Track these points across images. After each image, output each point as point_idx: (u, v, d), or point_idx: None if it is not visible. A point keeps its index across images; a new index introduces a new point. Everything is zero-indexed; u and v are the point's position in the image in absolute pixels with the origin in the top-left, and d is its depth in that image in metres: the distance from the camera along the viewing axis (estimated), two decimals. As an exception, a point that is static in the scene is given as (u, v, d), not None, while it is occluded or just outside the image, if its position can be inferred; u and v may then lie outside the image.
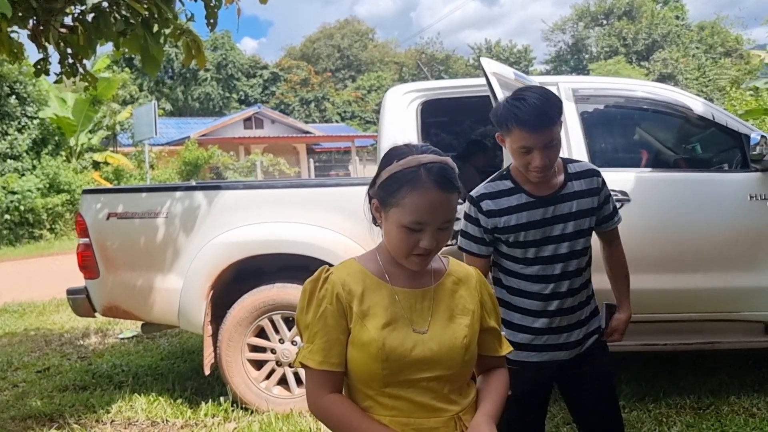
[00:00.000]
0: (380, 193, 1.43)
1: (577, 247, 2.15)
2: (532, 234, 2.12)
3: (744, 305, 3.71)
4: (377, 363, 1.40)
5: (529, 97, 2.01)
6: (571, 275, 2.15)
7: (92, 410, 4.07)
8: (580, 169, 2.20)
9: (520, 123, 2.00)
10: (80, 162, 19.01)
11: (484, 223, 2.15)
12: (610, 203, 2.25)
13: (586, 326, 2.21)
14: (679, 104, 3.91)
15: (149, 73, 3.97)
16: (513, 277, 2.19)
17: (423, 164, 1.38)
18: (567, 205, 2.13)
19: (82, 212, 4.11)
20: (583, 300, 2.20)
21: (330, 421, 1.43)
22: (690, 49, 42.96)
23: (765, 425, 3.36)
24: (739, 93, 16.25)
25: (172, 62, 36.56)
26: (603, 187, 2.21)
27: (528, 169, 2.07)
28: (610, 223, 2.27)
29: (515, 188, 2.14)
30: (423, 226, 1.37)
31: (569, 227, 2.13)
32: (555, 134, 2.04)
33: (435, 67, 45.99)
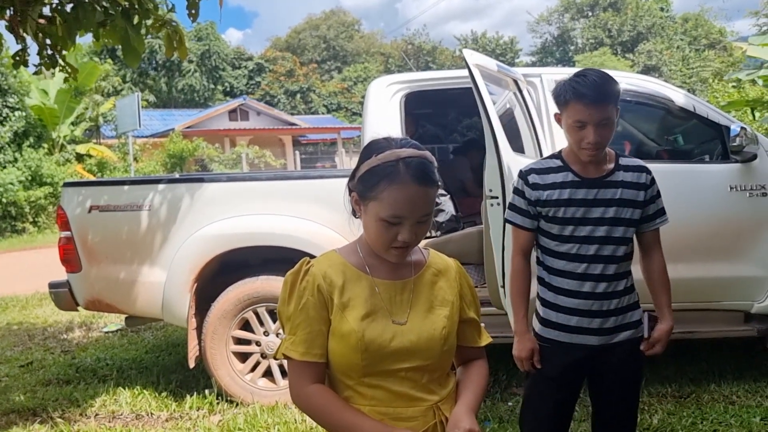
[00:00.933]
0: (359, 186, 1.43)
1: (614, 234, 2.16)
2: (572, 212, 2.16)
3: (724, 295, 3.76)
4: (356, 354, 1.41)
5: (590, 74, 2.09)
6: (606, 260, 2.17)
7: (76, 404, 4.05)
8: (631, 163, 2.23)
9: (577, 95, 2.06)
10: (63, 154, 18.81)
11: (529, 195, 2.21)
12: (657, 204, 2.24)
13: (621, 317, 2.20)
14: (661, 96, 3.94)
15: (130, 64, 3.93)
16: (549, 255, 2.24)
17: (402, 158, 1.38)
18: (611, 191, 2.16)
19: (63, 205, 4.07)
20: (619, 290, 2.20)
21: (312, 411, 1.44)
22: (674, 41, 43.20)
23: (744, 412, 3.42)
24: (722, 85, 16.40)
25: (156, 54, 36.17)
26: (651, 185, 2.22)
27: (580, 146, 2.12)
28: (650, 223, 2.25)
29: (563, 167, 2.21)
30: (401, 220, 1.38)
31: (609, 212, 2.16)
32: (610, 113, 2.08)
33: (422, 59, 45.91)
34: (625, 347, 2.21)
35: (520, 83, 3.89)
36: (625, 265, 2.22)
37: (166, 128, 26.16)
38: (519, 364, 2.27)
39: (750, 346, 4.25)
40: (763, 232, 3.70)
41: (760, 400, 3.58)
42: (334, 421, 1.41)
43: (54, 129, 18.48)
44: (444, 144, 7.19)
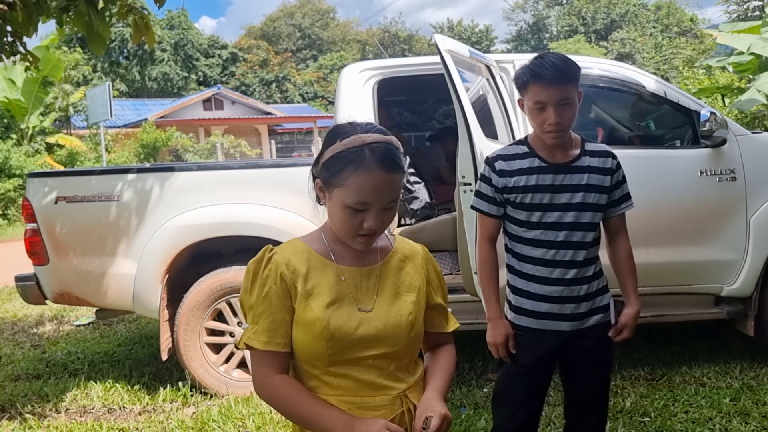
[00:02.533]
0: (324, 173, 1.40)
1: (582, 219, 2.17)
2: (539, 197, 2.16)
3: (695, 278, 3.81)
4: (321, 342, 1.38)
5: (547, 56, 2.11)
6: (574, 246, 2.17)
7: (46, 399, 3.97)
8: (596, 148, 2.23)
9: (535, 76, 2.07)
10: (32, 145, 18.40)
11: (496, 182, 2.21)
12: (622, 189, 2.24)
13: (591, 302, 2.21)
14: (633, 82, 3.96)
15: (96, 51, 3.83)
16: (516, 241, 2.24)
17: (367, 144, 1.35)
18: (577, 177, 2.17)
19: (29, 196, 3.97)
20: (588, 275, 2.20)
21: (277, 402, 1.41)
22: (647, 28, 43.62)
23: (714, 393, 3.48)
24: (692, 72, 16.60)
25: (127, 42, 35.51)
26: (617, 170, 2.22)
27: (543, 129, 2.11)
28: (616, 208, 2.25)
29: (530, 153, 2.20)
30: (367, 207, 1.35)
31: (576, 197, 2.16)
32: (570, 93, 2.08)
33: (398, 47, 45.75)
34: (596, 331, 2.22)
35: (492, 69, 3.88)
36: (594, 250, 2.23)
37: (138, 118, 25.75)
38: (493, 350, 2.26)
39: (720, 328, 4.32)
40: (732, 216, 3.75)
41: (730, 381, 3.64)
42: (298, 412, 1.38)
43: (22, 120, 18.06)
44: (420, 132, 7.17)
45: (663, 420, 3.21)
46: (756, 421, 3.16)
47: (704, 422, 3.18)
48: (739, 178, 3.72)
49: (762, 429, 3.08)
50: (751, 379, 3.67)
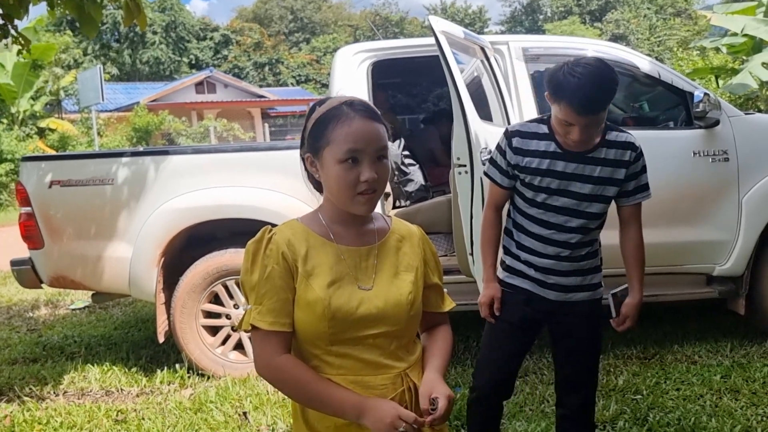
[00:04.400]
0: (310, 142, 1.43)
1: (588, 209, 2.20)
2: (547, 181, 2.18)
3: (688, 258, 3.85)
4: (323, 322, 1.39)
5: (584, 77, 1.99)
6: (573, 230, 2.21)
7: (44, 382, 3.99)
8: (618, 139, 2.20)
9: (569, 103, 2.03)
10: (23, 129, 18.26)
11: (509, 158, 2.23)
12: (639, 180, 2.24)
13: (580, 278, 2.26)
14: (627, 63, 3.96)
15: (87, 34, 3.81)
16: (518, 212, 2.29)
17: (344, 102, 1.42)
18: (590, 168, 2.16)
19: (23, 180, 3.96)
20: (581, 254, 2.25)
21: (282, 382, 1.42)
22: (641, 9, 43.42)
23: (705, 371, 3.53)
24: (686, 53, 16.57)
25: (119, 25, 35.12)
26: (634, 162, 2.20)
27: (565, 137, 2.13)
28: (629, 198, 2.25)
29: (548, 135, 2.19)
30: (358, 155, 1.37)
31: (586, 188, 2.17)
32: (600, 117, 2.08)
33: (390, 29, 45.42)
34: (583, 308, 2.27)
35: (487, 51, 3.87)
36: (592, 234, 2.26)
37: (130, 102, 25.55)
38: (481, 310, 2.36)
39: (712, 307, 4.37)
40: (724, 196, 3.78)
41: (721, 359, 3.69)
42: (306, 392, 1.39)
43: (13, 104, 17.91)
44: (414, 114, 7.16)
45: (655, 397, 3.26)
46: (746, 397, 3.21)
47: (695, 399, 3.23)
48: (732, 159, 3.75)
49: (751, 405, 3.14)
50: (742, 357, 3.72)
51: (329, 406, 1.38)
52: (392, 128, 1.49)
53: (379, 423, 1.34)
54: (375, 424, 1.34)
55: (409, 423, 1.34)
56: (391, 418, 1.33)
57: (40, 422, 3.41)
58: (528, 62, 3.92)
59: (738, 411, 3.07)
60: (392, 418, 1.33)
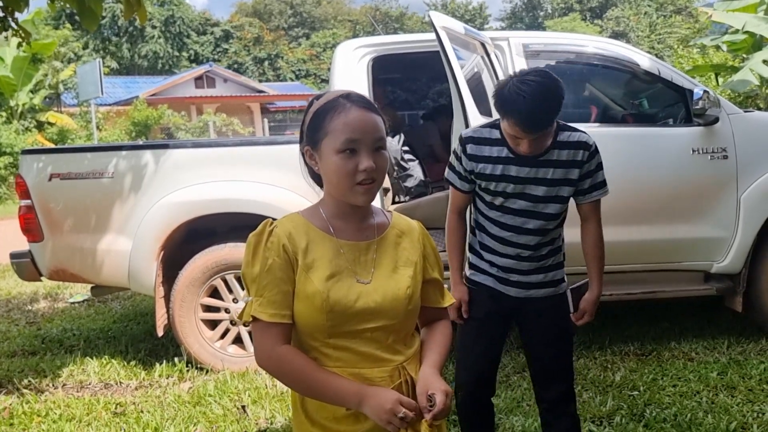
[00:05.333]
0: (309, 134, 1.45)
1: (544, 210, 2.24)
2: (503, 186, 2.23)
3: (686, 256, 3.86)
4: (321, 315, 1.40)
5: (530, 95, 2.01)
6: (531, 232, 2.25)
7: (43, 375, 4.00)
8: (570, 139, 2.22)
9: (517, 122, 2.08)
10: (22, 123, 18.24)
11: (465, 164, 2.29)
12: (594, 178, 2.27)
13: (542, 275, 2.30)
14: (627, 60, 3.97)
15: (88, 27, 3.80)
16: (480, 214, 2.35)
17: (341, 95, 1.44)
18: (543, 171, 2.20)
19: (23, 173, 3.96)
20: (542, 254, 2.29)
21: (283, 373, 1.43)
22: (642, 7, 43.37)
23: (702, 368, 3.54)
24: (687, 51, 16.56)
25: (118, 19, 35.04)
26: (589, 161, 2.23)
27: (514, 145, 2.18)
28: (585, 197, 2.29)
29: (500, 140, 2.23)
30: (356, 145, 1.38)
31: (540, 191, 2.21)
32: (547, 132, 2.13)
33: (390, 25, 45.33)
34: (547, 303, 2.32)
35: (487, 47, 3.87)
36: (552, 233, 2.31)
37: (129, 96, 25.53)
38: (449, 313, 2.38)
39: (709, 304, 4.39)
40: (723, 194, 3.79)
41: (718, 356, 3.71)
42: (307, 381, 1.40)
43: (12, 97, 17.88)
44: (414, 110, 7.16)
45: (652, 393, 3.27)
46: (742, 394, 3.23)
47: (692, 395, 3.25)
48: (731, 157, 3.76)
49: (747, 402, 3.15)
50: (738, 354, 3.74)
51: (329, 394, 1.40)
52: (392, 123, 1.49)
53: (378, 409, 1.35)
54: (375, 410, 1.35)
55: (409, 409, 1.35)
56: (391, 404, 1.34)
57: (39, 414, 3.42)
58: (528, 58, 3.91)
59: (734, 407, 3.09)
60: (392, 404, 1.34)
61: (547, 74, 2.11)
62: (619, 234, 3.77)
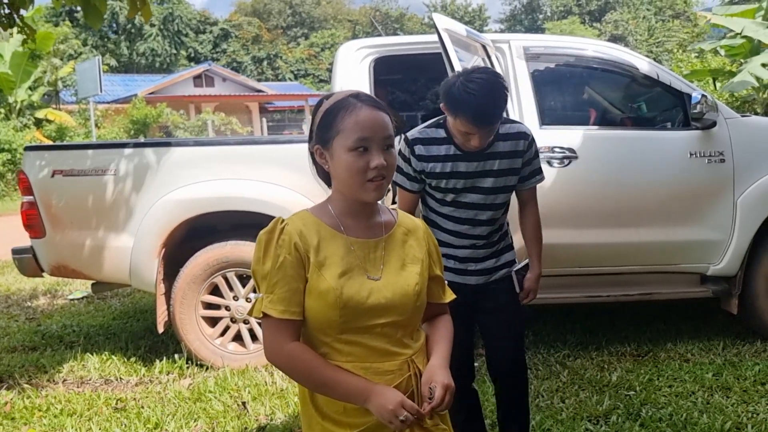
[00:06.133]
0: (319, 133, 1.48)
1: (495, 201, 2.40)
2: (453, 182, 2.36)
3: (682, 258, 3.90)
4: (335, 311, 1.43)
5: (478, 91, 2.15)
6: (483, 223, 2.41)
7: (43, 370, 4.03)
8: (509, 131, 2.39)
9: (467, 118, 2.20)
10: (20, 120, 18.22)
11: (414, 165, 2.39)
12: (532, 165, 2.45)
13: (494, 260, 2.47)
14: (626, 63, 4.00)
15: (92, 25, 3.83)
16: (431, 211, 2.47)
17: (350, 95, 1.48)
18: (489, 163, 2.35)
19: (25, 170, 3.98)
20: (494, 240, 2.46)
21: (293, 369, 1.46)
22: (641, 11, 43.50)
23: (698, 369, 3.58)
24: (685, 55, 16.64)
25: (117, 16, 35.04)
26: (527, 150, 2.41)
27: (464, 142, 2.30)
28: (525, 183, 2.47)
29: (447, 139, 2.35)
30: (368, 144, 1.42)
31: (488, 182, 2.36)
32: (495, 126, 2.27)
33: (389, 25, 45.38)
34: (502, 283, 2.47)
35: (488, 49, 3.91)
36: (501, 221, 2.46)
37: (128, 94, 25.53)
38: None
39: (705, 306, 4.43)
40: (720, 197, 3.82)
41: (713, 358, 3.75)
42: (316, 377, 1.43)
43: (10, 93, 17.87)
44: (413, 111, 7.19)
45: (648, 393, 3.31)
46: (737, 395, 3.27)
47: (687, 396, 3.28)
48: (728, 160, 3.80)
49: (742, 402, 3.19)
50: (734, 355, 3.78)
51: (337, 391, 1.43)
52: (397, 123, 1.53)
53: (382, 408, 1.39)
54: (379, 409, 1.40)
55: (410, 412, 1.39)
56: (394, 405, 1.39)
57: (40, 409, 3.44)
58: (528, 61, 3.95)
59: (729, 408, 3.13)
60: (395, 405, 1.38)
61: (491, 71, 2.29)
62: (617, 236, 3.83)
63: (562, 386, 3.45)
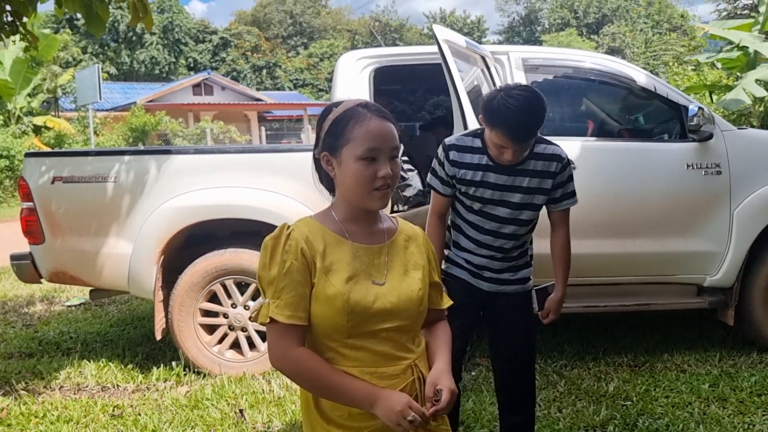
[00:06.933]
0: (328, 140, 1.50)
1: (519, 216, 2.40)
2: (481, 192, 2.39)
3: (679, 269, 3.92)
4: (342, 316, 1.45)
5: (518, 107, 2.17)
6: (506, 237, 2.42)
7: (40, 376, 4.02)
8: (545, 151, 2.39)
9: (504, 133, 2.22)
10: (19, 126, 18.23)
11: (447, 170, 2.43)
12: (565, 188, 2.44)
13: (511, 273, 2.47)
14: (624, 76, 4.04)
15: (95, 33, 3.84)
16: (458, 216, 2.52)
17: (359, 104, 1.51)
18: (519, 179, 2.36)
19: (25, 176, 3.99)
20: (513, 255, 2.47)
21: (299, 374, 1.47)
22: (638, 24, 43.80)
23: (694, 380, 3.59)
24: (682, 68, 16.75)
25: (117, 24, 35.16)
26: (561, 172, 2.40)
27: (499, 157, 2.33)
28: (557, 205, 2.47)
29: (482, 149, 2.38)
30: (376, 154, 1.45)
31: (516, 197, 2.38)
32: (531, 142, 2.29)
33: (389, 36, 45.60)
34: (514, 298, 2.47)
35: (487, 60, 3.94)
36: (524, 238, 2.47)
37: (127, 102, 25.57)
38: None
39: (701, 317, 4.44)
40: (716, 209, 3.85)
41: (709, 368, 3.76)
42: (322, 382, 1.45)
43: (9, 100, 17.88)
44: (411, 122, 7.23)
45: (644, 404, 3.32)
46: (733, 406, 3.28)
47: (684, 406, 3.29)
48: (724, 172, 3.83)
49: (738, 413, 3.20)
50: (730, 366, 3.79)
51: (344, 396, 1.45)
52: (400, 134, 1.56)
53: (389, 411, 1.41)
54: (386, 411, 1.42)
55: (417, 414, 1.42)
56: (402, 407, 1.41)
57: (36, 416, 3.43)
58: (527, 72, 3.99)
59: (725, 419, 3.14)
60: (402, 407, 1.41)
61: (532, 89, 2.29)
62: (613, 246, 3.85)
63: (559, 396, 3.46)
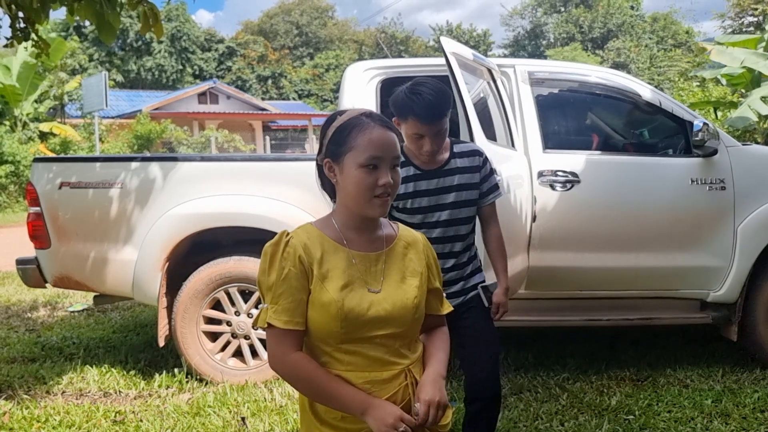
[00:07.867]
0: (331, 147, 1.53)
1: (458, 215, 2.49)
2: (418, 201, 2.47)
3: (682, 283, 3.92)
4: (336, 322, 1.48)
5: (424, 92, 2.31)
6: (452, 239, 2.50)
7: (42, 381, 4.03)
8: (464, 148, 2.55)
9: (414, 115, 2.32)
10: (25, 132, 18.33)
11: None
12: (489, 181, 2.55)
13: (465, 281, 2.55)
14: (629, 90, 4.06)
15: (106, 41, 3.89)
16: None
17: (363, 113, 1.55)
18: (450, 179, 2.48)
19: (33, 181, 4.02)
20: (464, 261, 2.54)
21: (296, 378, 1.50)
22: (643, 39, 43.96)
23: (697, 395, 3.58)
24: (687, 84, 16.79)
25: (126, 32, 35.41)
26: (484, 165, 2.54)
27: (420, 154, 2.42)
28: (485, 199, 2.56)
29: (405, 162, 2.45)
30: (378, 162, 1.49)
31: (450, 197, 2.47)
32: (444, 124, 2.37)
33: (395, 48, 45.82)
34: (474, 303, 2.55)
35: (494, 73, 3.97)
36: (470, 238, 2.55)
37: (133, 109, 25.72)
38: None
39: (705, 333, 4.43)
40: (720, 224, 3.86)
41: (712, 384, 3.75)
42: (317, 387, 1.48)
43: (16, 106, 18.00)
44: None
45: (647, 418, 3.31)
46: (736, 422, 3.27)
47: (686, 422, 3.28)
48: (729, 188, 3.83)
49: (741, 429, 3.19)
50: (733, 382, 3.78)
51: (337, 401, 1.48)
52: (402, 144, 1.59)
53: (380, 422, 1.44)
54: (377, 422, 1.44)
55: (409, 426, 1.44)
56: (393, 419, 1.44)
57: (38, 420, 3.44)
58: (533, 85, 4.01)
59: (728, 435, 3.13)
60: (394, 419, 1.44)
61: (433, 79, 2.39)
62: (617, 260, 3.85)
63: (561, 409, 3.45)
